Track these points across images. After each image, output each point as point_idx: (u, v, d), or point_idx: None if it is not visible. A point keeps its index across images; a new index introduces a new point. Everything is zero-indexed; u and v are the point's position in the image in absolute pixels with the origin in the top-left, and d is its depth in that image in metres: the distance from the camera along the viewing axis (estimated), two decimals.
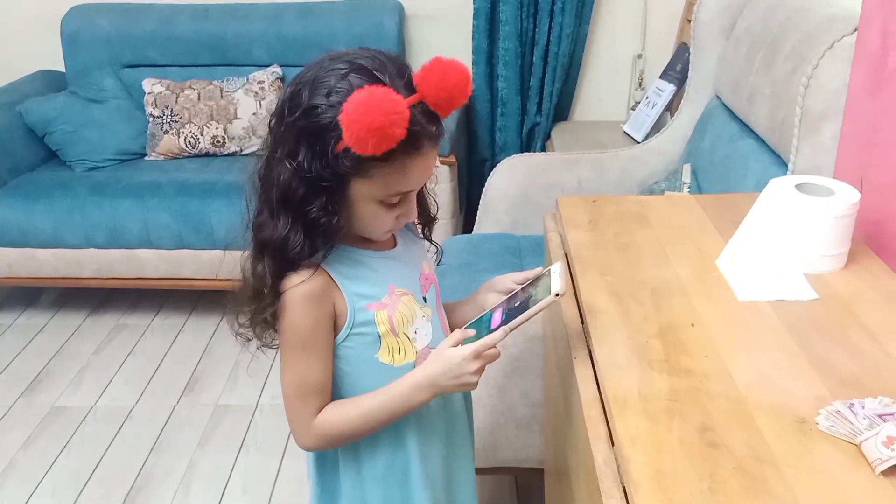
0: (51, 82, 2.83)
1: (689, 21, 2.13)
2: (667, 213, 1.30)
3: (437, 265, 1.16)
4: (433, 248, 1.13)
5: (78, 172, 2.59)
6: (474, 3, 2.63)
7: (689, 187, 1.74)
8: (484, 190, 2.17)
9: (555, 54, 2.65)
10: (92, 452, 2.05)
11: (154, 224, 2.40)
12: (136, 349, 2.49)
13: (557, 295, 0.92)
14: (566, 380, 1.03)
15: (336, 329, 0.99)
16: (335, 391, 1.02)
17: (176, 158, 2.67)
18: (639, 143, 2.46)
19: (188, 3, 2.78)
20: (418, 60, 2.87)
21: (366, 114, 0.82)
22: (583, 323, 1.03)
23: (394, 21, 2.70)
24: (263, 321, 0.97)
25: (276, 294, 0.94)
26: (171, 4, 2.78)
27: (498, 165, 2.15)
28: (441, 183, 2.32)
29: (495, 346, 0.95)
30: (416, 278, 1.06)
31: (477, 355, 0.94)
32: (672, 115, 2.49)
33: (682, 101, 2.13)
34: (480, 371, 0.95)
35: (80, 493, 1.92)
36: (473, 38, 2.68)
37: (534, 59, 2.69)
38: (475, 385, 0.97)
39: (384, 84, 0.87)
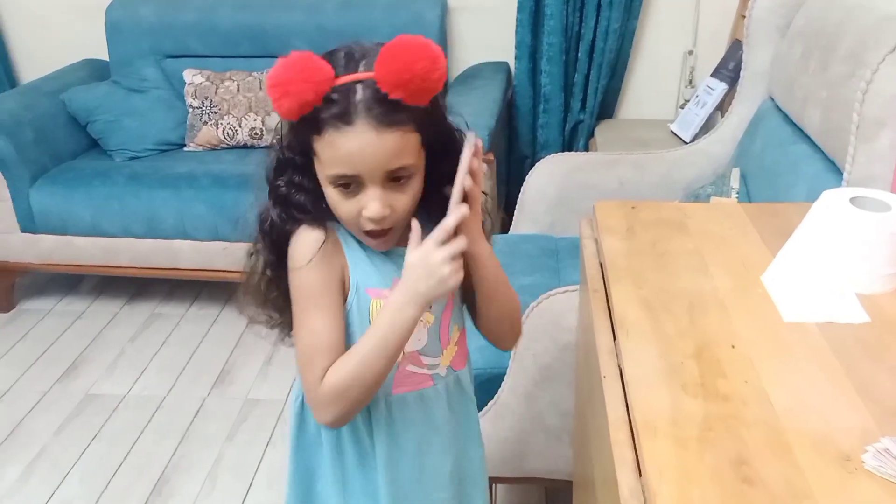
0: (94, 71, 2.86)
1: (744, 17, 2.04)
2: (709, 221, 1.23)
3: None
4: None
5: (118, 162, 2.60)
6: None
7: (738, 193, 1.66)
8: (522, 189, 2.11)
9: (601, 50, 2.57)
10: (122, 441, 2.06)
11: (190, 215, 2.40)
12: (170, 339, 2.50)
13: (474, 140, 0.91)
14: (594, 398, 0.98)
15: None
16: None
17: (214, 150, 2.67)
18: (686, 143, 2.37)
19: None
20: (459, 55, 2.86)
21: (278, 70, 0.86)
22: (614, 338, 0.98)
23: (435, 13, 2.65)
24: (275, 293, 1.00)
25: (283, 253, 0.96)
26: None
27: (537, 164, 2.09)
28: None
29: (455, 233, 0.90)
30: None
31: (439, 243, 0.89)
32: (722, 116, 2.40)
33: (733, 101, 2.04)
34: (451, 260, 0.89)
35: (110, 481, 1.93)
36: (517, 33, 2.62)
37: (579, 54, 2.61)
38: (454, 278, 0.90)
39: (331, 64, 0.87)
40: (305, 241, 0.94)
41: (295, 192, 0.93)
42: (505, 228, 2.22)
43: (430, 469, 1.08)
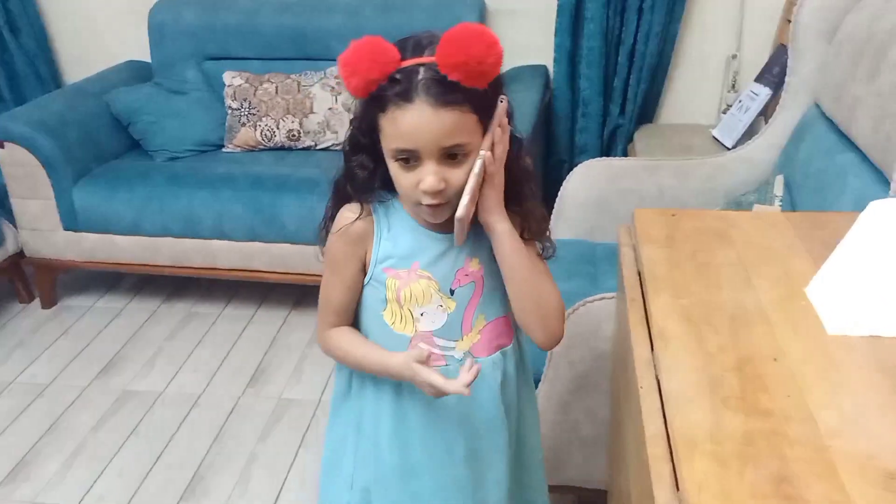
0: (137, 73, 2.90)
1: (789, 21, 1.99)
2: (752, 230, 1.20)
3: (548, 259, 1.11)
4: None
5: (158, 162, 2.64)
6: (559, 0, 2.54)
7: (781, 201, 1.62)
8: (559, 194, 2.09)
9: (642, 53, 2.54)
10: (158, 438, 2.09)
11: (227, 215, 2.43)
12: (206, 337, 2.53)
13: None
14: (631, 410, 0.96)
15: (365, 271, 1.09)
16: (357, 319, 1.13)
17: (252, 151, 2.70)
18: (729, 149, 2.33)
19: None
20: None
21: (348, 52, 0.94)
22: (652, 349, 0.96)
23: (474, 17, 2.64)
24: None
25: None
26: None
27: (574, 169, 2.06)
28: None
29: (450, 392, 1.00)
30: (450, 270, 1.06)
31: (430, 385, 1.00)
32: (766, 122, 2.35)
33: (777, 107, 1.99)
34: (435, 390, 1.01)
35: (146, 477, 1.96)
36: (556, 36, 2.60)
37: (619, 58, 2.58)
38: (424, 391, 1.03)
39: (400, 49, 0.95)
40: (342, 216, 1.06)
41: (358, 168, 1.03)
42: None
43: (440, 442, 1.14)
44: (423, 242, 1.06)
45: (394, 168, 0.99)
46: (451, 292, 1.07)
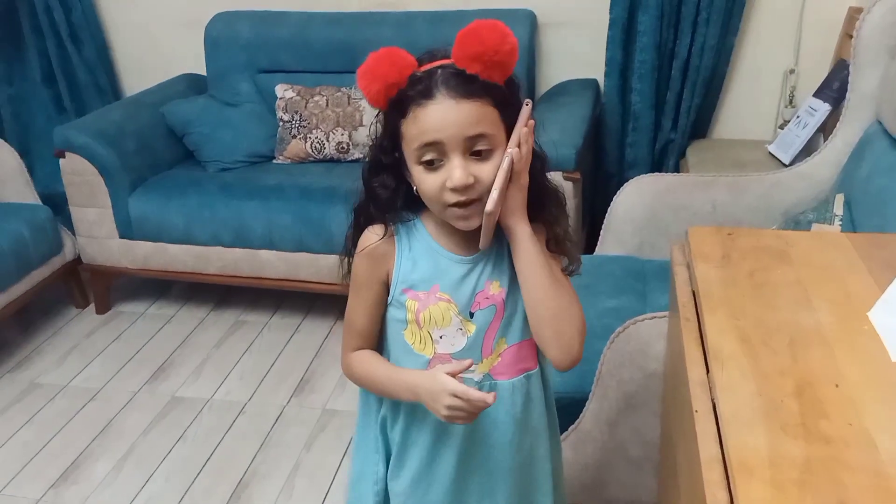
0: (193, 85, 2.96)
1: (850, 36, 1.94)
2: (812, 250, 1.17)
3: (571, 275, 1.09)
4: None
5: (210, 172, 2.68)
6: (611, 13, 2.52)
7: (841, 220, 1.57)
8: (609, 209, 2.06)
9: (696, 67, 2.50)
10: (205, 444, 2.11)
11: (276, 226, 2.45)
12: (253, 346, 2.56)
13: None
14: (685, 433, 0.93)
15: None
16: (382, 341, 1.13)
17: (302, 163, 2.73)
18: (786, 165, 2.27)
19: (323, 10, 2.83)
20: (548, 71, 2.83)
21: (367, 62, 0.96)
22: (707, 371, 0.93)
23: (525, 30, 2.63)
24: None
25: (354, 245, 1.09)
26: (307, 12, 2.84)
27: (626, 184, 2.03)
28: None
29: (474, 402, 0.98)
30: (469, 292, 1.05)
31: (454, 395, 0.98)
32: (826, 138, 2.29)
33: (837, 123, 1.94)
34: (451, 409, 0.99)
35: (192, 482, 1.98)
36: (608, 49, 2.57)
37: (672, 72, 2.54)
38: (444, 418, 1.01)
39: (419, 60, 0.98)
40: (366, 237, 1.06)
41: (380, 188, 1.03)
42: (590, 249, 2.17)
43: (440, 462, 1.13)
44: (444, 265, 1.05)
45: (418, 173, 0.98)
46: (471, 315, 1.06)
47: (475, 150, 0.96)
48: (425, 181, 0.98)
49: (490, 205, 0.94)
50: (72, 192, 2.59)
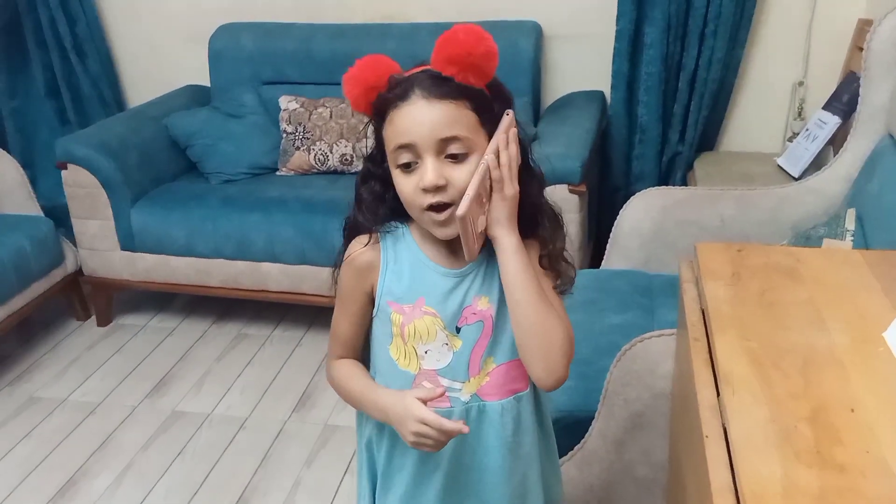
0: (196, 97, 2.95)
1: (860, 48, 1.91)
2: (824, 268, 1.14)
3: (562, 294, 1.06)
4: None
5: (213, 184, 2.67)
6: (617, 25, 2.50)
7: (853, 236, 1.54)
8: (615, 223, 2.03)
9: (703, 80, 2.47)
10: (205, 460, 2.09)
11: (279, 238, 2.43)
12: (255, 359, 2.53)
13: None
14: (695, 458, 0.90)
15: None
16: (370, 352, 1.11)
17: (305, 175, 2.70)
18: (795, 178, 2.24)
19: (327, 22, 2.82)
20: (554, 83, 2.81)
21: (350, 68, 0.98)
22: (718, 394, 0.90)
23: (530, 42, 2.61)
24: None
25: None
26: (311, 24, 2.83)
27: (632, 198, 2.00)
28: (570, 213, 2.20)
29: (447, 432, 0.97)
30: (456, 307, 1.03)
31: (422, 422, 0.96)
32: (835, 151, 2.26)
33: (848, 137, 1.90)
34: (417, 436, 0.98)
35: (192, 498, 1.95)
36: (614, 62, 2.55)
37: (679, 84, 2.52)
38: (411, 444, 1.00)
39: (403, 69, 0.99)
40: (352, 246, 1.05)
41: (366, 194, 1.04)
42: (595, 263, 2.14)
43: (427, 487, 1.10)
44: (431, 278, 1.03)
45: (397, 177, 0.98)
46: (458, 330, 1.03)
47: (450, 152, 0.95)
48: (402, 184, 0.97)
49: (461, 208, 0.91)
50: (73, 204, 2.58)
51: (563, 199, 2.15)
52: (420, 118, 0.93)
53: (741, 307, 1.03)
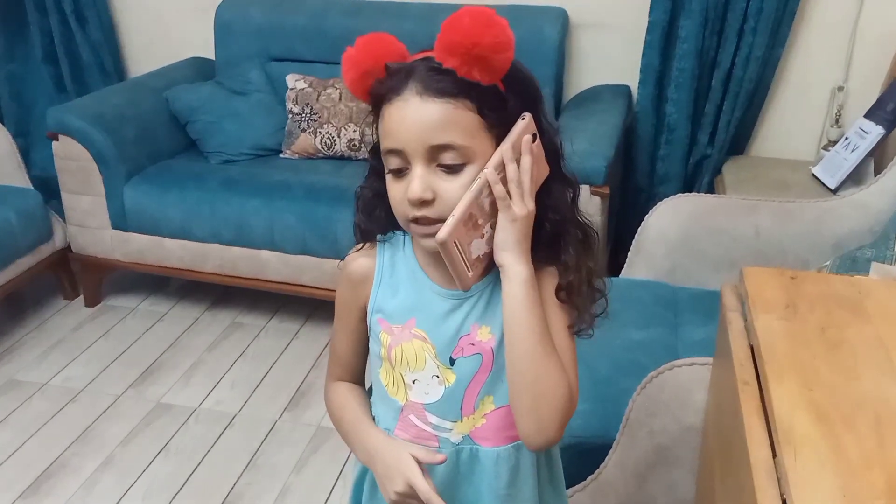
0: (200, 70, 2.80)
1: None
2: (890, 302, 0.99)
3: (578, 335, 0.89)
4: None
5: (213, 164, 2.52)
6: (650, 16, 2.34)
7: None
8: (640, 229, 1.88)
9: (739, 79, 2.31)
10: (189, 458, 1.96)
11: (279, 226, 2.29)
12: (248, 351, 2.40)
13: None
14: None
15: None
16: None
17: (310, 159, 2.56)
18: (831, 190, 2.09)
19: None
20: (577, 75, 2.64)
21: (351, 48, 0.84)
22: (774, 455, 0.76)
23: (555, 29, 2.46)
24: None
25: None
26: None
27: (660, 204, 1.85)
28: (590, 216, 2.03)
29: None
30: (451, 334, 0.88)
31: (408, 487, 0.86)
32: (877, 164, 2.11)
33: None
34: (400, 497, 0.87)
35: (172, 500, 1.83)
36: (644, 55, 2.39)
37: (713, 82, 2.36)
38: (390, 502, 0.89)
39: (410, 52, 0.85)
40: (346, 261, 0.95)
41: (365, 189, 0.92)
42: (615, 270, 2.00)
43: None
44: (426, 296, 0.89)
45: (388, 180, 0.85)
46: (452, 362, 0.88)
47: (442, 162, 0.80)
48: (391, 189, 0.85)
49: (441, 233, 0.78)
50: (64, 177, 2.44)
51: (585, 202, 2.00)
52: (410, 120, 0.79)
53: (800, 347, 0.89)
